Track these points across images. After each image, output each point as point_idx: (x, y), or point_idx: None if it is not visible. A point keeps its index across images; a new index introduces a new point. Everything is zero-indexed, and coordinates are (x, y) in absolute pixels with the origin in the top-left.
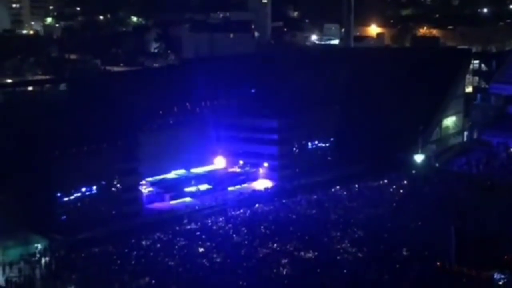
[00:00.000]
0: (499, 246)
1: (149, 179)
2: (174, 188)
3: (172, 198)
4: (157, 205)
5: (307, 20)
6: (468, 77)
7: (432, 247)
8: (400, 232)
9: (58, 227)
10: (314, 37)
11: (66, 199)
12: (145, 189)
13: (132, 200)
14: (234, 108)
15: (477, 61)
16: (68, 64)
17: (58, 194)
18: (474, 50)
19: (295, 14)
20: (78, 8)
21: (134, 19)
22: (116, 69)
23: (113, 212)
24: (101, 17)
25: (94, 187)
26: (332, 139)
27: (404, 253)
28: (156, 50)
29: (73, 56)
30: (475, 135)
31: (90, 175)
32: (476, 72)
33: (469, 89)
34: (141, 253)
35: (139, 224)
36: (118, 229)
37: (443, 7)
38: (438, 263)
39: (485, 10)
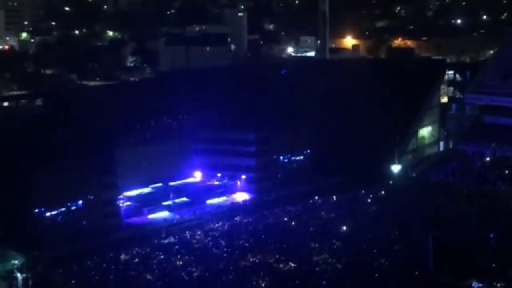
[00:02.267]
0: (477, 254)
1: (127, 193)
2: (152, 202)
3: (150, 212)
4: (135, 219)
5: (283, 33)
6: (443, 87)
7: (410, 256)
8: (379, 242)
9: (36, 243)
10: (290, 49)
11: (43, 214)
12: (123, 204)
13: (110, 215)
14: (211, 121)
15: (451, 72)
16: (44, 79)
17: (36, 210)
18: (448, 60)
19: (271, 26)
20: (53, 23)
21: (110, 33)
22: (92, 83)
23: (92, 226)
24: (77, 32)
25: (72, 202)
26: (309, 151)
27: (383, 262)
28: (132, 64)
29: (48, 71)
30: (451, 145)
31: (68, 190)
32: (451, 83)
33: (444, 99)
34: (119, 267)
35: (117, 238)
36: (97, 244)
37: (418, 18)
38: (416, 272)
39: (459, 21)
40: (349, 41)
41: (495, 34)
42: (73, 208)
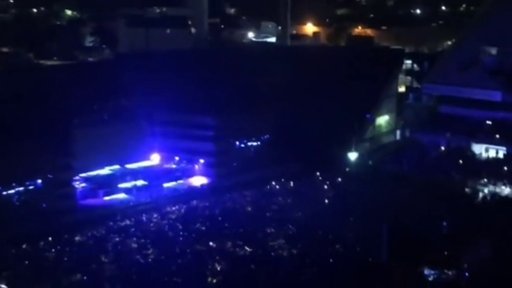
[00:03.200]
0: (430, 243)
1: (83, 174)
2: (108, 184)
3: (106, 194)
4: (90, 201)
5: (244, 17)
6: (401, 77)
7: (365, 244)
8: (334, 229)
9: None
10: (251, 35)
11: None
12: (78, 185)
13: (65, 196)
14: (170, 104)
15: (410, 61)
16: None
17: None
18: (407, 50)
19: (232, 11)
20: (11, 1)
21: (69, 12)
22: (49, 63)
23: (46, 208)
24: (35, 10)
25: (26, 183)
26: (267, 137)
27: (338, 249)
28: (91, 44)
29: (5, 49)
30: (407, 134)
31: (22, 171)
32: (409, 72)
33: (402, 89)
34: (74, 249)
35: (72, 220)
36: (51, 226)
37: (378, 7)
38: (370, 259)
39: (418, 11)
40: (310, 28)
41: (453, 25)
42: (26, 189)
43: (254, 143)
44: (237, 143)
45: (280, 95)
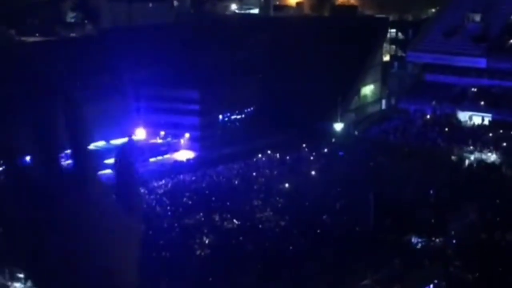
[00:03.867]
0: (416, 210)
1: (68, 151)
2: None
3: None
4: None
5: None
6: (386, 45)
7: (352, 213)
8: (321, 199)
9: None
10: (234, 7)
11: None
12: (64, 162)
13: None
14: (154, 78)
15: (394, 30)
16: None
17: None
18: (391, 18)
19: None
20: None
21: None
22: (31, 39)
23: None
24: None
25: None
26: (253, 109)
27: (325, 219)
28: (73, 20)
29: None
30: (393, 103)
31: (5, 149)
32: (393, 41)
33: (386, 58)
34: None
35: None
36: None
37: None
38: (357, 228)
39: None
40: None
41: None
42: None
43: (240, 116)
44: (223, 116)
45: (264, 67)
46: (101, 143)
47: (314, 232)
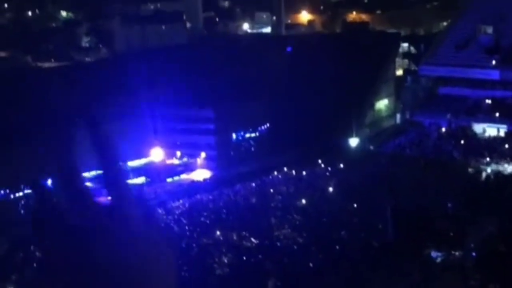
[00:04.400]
0: (435, 223)
1: (86, 174)
2: None
3: None
4: (96, 200)
5: (238, 9)
6: (398, 60)
7: (370, 228)
8: (338, 215)
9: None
10: (246, 26)
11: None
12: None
13: None
14: (169, 99)
15: (406, 44)
16: None
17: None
18: (403, 33)
19: (226, 3)
20: (5, 5)
21: (64, 13)
22: (47, 65)
23: None
24: (30, 13)
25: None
26: (268, 127)
27: (343, 235)
28: (87, 45)
29: (2, 54)
30: (407, 117)
31: (27, 174)
32: (405, 55)
33: (399, 72)
34: None
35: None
36: None
37: None
38: (375, 243)
39: None
40: (304, 16)
41: (448, 5)
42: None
43: (255, 134)
44: (238, 134)
45: (279, 85)
46: None
47: (332, 248)
